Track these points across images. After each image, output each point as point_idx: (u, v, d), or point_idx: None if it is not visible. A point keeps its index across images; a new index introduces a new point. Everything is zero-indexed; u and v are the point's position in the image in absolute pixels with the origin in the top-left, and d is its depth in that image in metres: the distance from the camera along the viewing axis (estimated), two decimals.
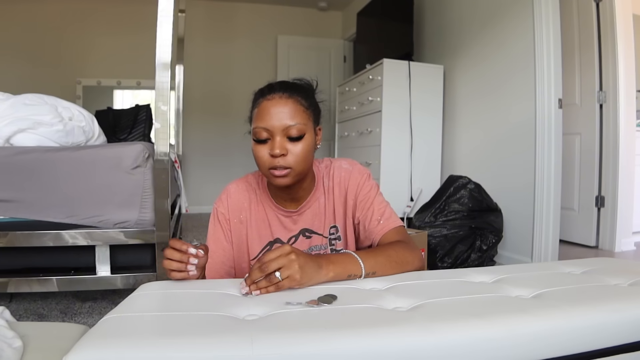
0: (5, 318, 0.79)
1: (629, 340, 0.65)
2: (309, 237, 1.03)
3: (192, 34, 4.53)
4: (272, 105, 0.90)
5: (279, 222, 1.03)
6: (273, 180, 0.92)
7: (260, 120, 0.90)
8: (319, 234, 1.04)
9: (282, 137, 0.90)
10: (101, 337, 0.56)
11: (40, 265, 1.58)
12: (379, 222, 0.99)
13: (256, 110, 0.93)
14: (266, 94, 0.92)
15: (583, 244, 2.91)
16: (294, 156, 0.90)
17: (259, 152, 0.91)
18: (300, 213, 1.03)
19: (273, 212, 1.03)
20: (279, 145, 0.89)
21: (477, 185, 2.50)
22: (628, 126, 2.77)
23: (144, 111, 3.36)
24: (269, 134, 0.90)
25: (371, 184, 1.04)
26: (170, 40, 1.40)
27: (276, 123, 0.89)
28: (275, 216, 1.03)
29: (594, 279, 0.85)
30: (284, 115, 0.89)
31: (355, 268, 0.82)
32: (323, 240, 1.04)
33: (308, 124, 0.93)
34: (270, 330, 0.57)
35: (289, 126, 0.89)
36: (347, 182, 1.04)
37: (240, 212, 1.03)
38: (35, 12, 4.48)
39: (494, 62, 2.74)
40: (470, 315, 0.62)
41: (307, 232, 1.04)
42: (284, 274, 0.72)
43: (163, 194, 1.49)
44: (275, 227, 1.03)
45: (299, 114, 0.91)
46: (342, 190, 1.04)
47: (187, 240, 0.80)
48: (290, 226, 1.03)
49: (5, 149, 1.54)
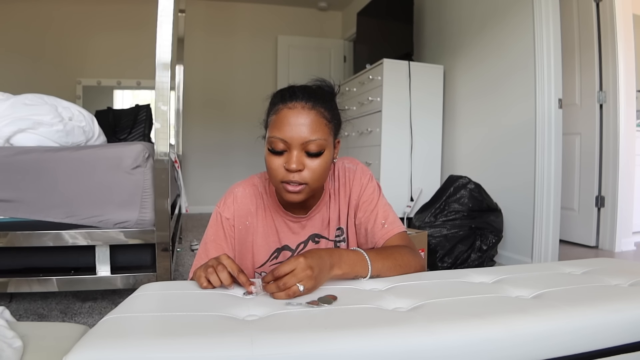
0: (5, 318, 0.79)
1: (630, 340, 0.65)
2: (317, 242, 1.01)
3: (192, 34, 4.53)
4: (293, 115, 0.83)
5: (287, 228, 1.00)
6: (284, 194, 0.87)
7: (278, 130, 0.83)
8: (326, 238, 1.02)
9: (300, 152, 0.84)
10: (101, 337, 0.56)
11: (40, 265, 1.58)
12: (384, 226, 0.97)
13: (274, 117, 0.86)
14: (287, 101, 0.85)
15: (583, 244, 2.91)
16: (311, 172, 0.85)
17: (272, 163, 0.85)
18: (310, 218, 1.00)
19: (281, 218, 0.99)
20: (296, 160, 0.83)
21: (477, 185, 2.50)
22: (628, 126, 2.77)
23: (144, 111, 3.35)
24: (286, 145, 0.83)
25: (374, 185, 1.02)
26: (170, 40, 1.40)
27: (295, 135, 0.82)
28: (284, 222, 0.99)
29: (594, 279, 0.85)
30: (304, 128, 0.82)
31: (363, 269, 0.81)
32: (329, 243, 1.02)
33: (328, 139, 0.86)
34: (270, 331, 0.57)
35: (309, 141, 0.83)
36: (351, 182, 1.01)
37: (247, 217, 0.98)
38: (36, 12, 4.48)
39: (494, 62, 2.73)
40: (471, 316, 0.62)
41: (316, 238, 1.01)
42: (305, 283, 0.71)
43: (163, 194, 1.49)
44: (283, 233, 1.00)
45: (321, 127, 0.84)
46: (346, 191, 1.01)
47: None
48: (298, 231, 1.00)
49: (5, 149, 1.54)
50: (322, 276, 0.74)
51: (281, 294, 0.70)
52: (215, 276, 0.75)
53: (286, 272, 0.70)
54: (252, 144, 5.90)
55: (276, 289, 0.71)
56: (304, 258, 0.72)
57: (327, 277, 0.76)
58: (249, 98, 5.05)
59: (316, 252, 0.76)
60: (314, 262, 0.73)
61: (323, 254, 0.76)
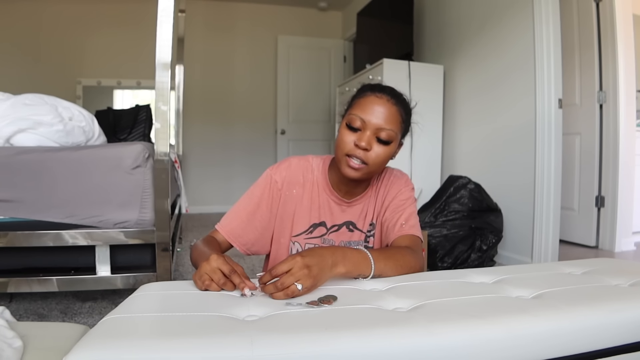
0: (5, 318, 0.79)
1: (630, 340, 0.65)
2: (351, 231, 1.06)
3: (192, 34, 4.53)
4: (378, 103, 0.93)
5: (328, 207, 1.05)
6: (344, 168, 0.94)
7: (361, 110, 0.93)
8: (360, 230, 1.07)
9: (372, 135, 0.93)
10: (101, 337, 0.56)
11: (40, 265, 1.58)
12: (402, 226, 1.01)
13: (360, 100, 0.95)
14: (376, 91, 0.95)
15: (583, 244, 2.91)
16: (375, 156, 0.93)
17: (345, 137, 0.94)
18: (351, 205, 1.06)
19: (326, 195, 1.05)
20: (367, 139, 0.92)
21: (477, 185, 2.50)
22: (628, 126, 2.77)
23: (144, 111, 3.35)
24: (363, 125, 0.93)
25: (411, 195, 1.07)
26: (170, 40, 1.40)
27: (373, 120, 0.92)
28: (327, 200, 1.05)
29: (594, 279, 0.85)
30: (383, 116, 0.92)
31: (367, 268, 0.82)
32: (362, 235, 1.07)
33: (397, 135, 0.96)
34: (270, 331, 0.57)
35: (383, 128, 0.92)
36: (392, 185, 1.07)
37: (295, 186, 1.04)
38: (36, 12, 4.48)
39: (494, 62, 2.73)
40: (471, 316, 0.62)
41: (350, 226, 1.06)
42: (303, 281, 0.70)
43: (163, 194, 1.49)
44: (323, 210, 1.05)
45: (396, 122, 0.94)
46: (385, 191, 1.07)
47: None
48: (337, 214, 1.05)
49: (6, 149, 1.54)
50: (322, 275, 0.74)
51: (279, 294, 0.70)
52: (214, 285, 0.74)
53: (284, 271, 0.70)
54: (252, 143, 5.89)
55: (274, 289, 0.70)
56: (301, 257, 0.72)
57: (328, 275, 0.76)
58: (249, 98, 5.05)
59: (316, 251, 0.76)
60: (312, 260, 0.73)
61: (324, 252, 0.77)
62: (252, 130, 5.03)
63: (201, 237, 1.03)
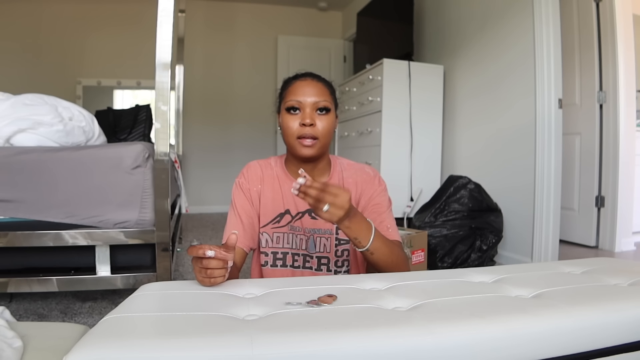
0: (5, 318, 0.79)
1: (629, 340, 0.65)
2: (314, 218, 1.10)
3: (192, 34, 4.53)
4: (305, 85, 1.04)
5: (291, 195, 1.10)
6: (299, 149, 1.03)
7: (293, 95, 1.03)
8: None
9: (312, 111, 1.02)
10: (101, 337, 0.56)
11: (40, 265, 1.58)
12: (388, 229, 1.07)
13: (289, 89, 1.06)
14: (299, 77, 1.07)
15: (583, 244, 2.91)
16: (322, 127, 1.02)
17: (289, 122, 1.03)
18: None
19: (288, 186, 1.11)
20: (309, 116, 1.01)
21: (477, 185, 2.50)
22: (628, 126, 2.77)
23: (144, 111, 3.35)
24: (300, 106, 1.02)
25: (387, 195, 1.14)
26: (170, 40, 1.40)
27: (308, 99, 1.02)
28: (289, 190, 1.10)
29: (593, 279, 0.85)
30: (314, 92, 1.03)
31: (365, 239, 0.91)
32: (331, 225, 1.10)
33: (332, 105, 1.06)
34: (270, 330, 0.57)
35: (318, 101, 1.03)
36: (366, 184, 1.13)
37: (257, 183, 1.13)
38: (36, 12, 4.48)
39: (494, 62, 2.74)
40: (470, 315, 0.62)
41: (312, 213, 1.09)
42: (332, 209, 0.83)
43: (163, 194, 1.49)
44: (287, 199, 1.11)
45: (326, 94, 1.05)
46: (358, 189, 1.12)
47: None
48: (300, 202, 1.10)
49: (5, 149, 1.54)
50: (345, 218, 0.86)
51: (310, 199, 0.83)
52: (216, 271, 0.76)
53: (331, 192, 0.82)
54: (252, 143, 5.88)
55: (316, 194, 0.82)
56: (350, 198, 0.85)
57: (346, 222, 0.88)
58: (249, 98, 5.05)
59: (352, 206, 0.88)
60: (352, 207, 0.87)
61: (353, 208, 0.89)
62: (252, 130, 5.03)
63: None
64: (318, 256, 1.11)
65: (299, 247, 1.11)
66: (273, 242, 1.11)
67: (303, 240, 1.11)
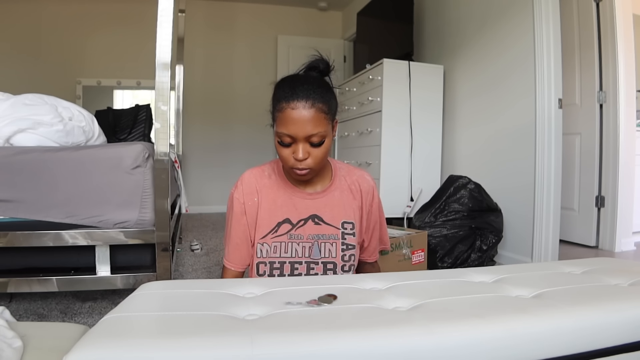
0: (5, 318, 0.79)
1: (629, 340, 0.65)
2: (317, 224, 1.09)
3: (192, 34, 4.53)
4: (296, 115, 0.94)
5: (292, 203, 1.09)
6: (294, 175, 1.03)
7: (285, 127, 0.96)
8: (330, 225, 1.10)
9: (305, 143, 0.97)
10: (101, 337, 0.56)
11: (40, 265, 1.58)
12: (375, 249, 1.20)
13: (280, 115, 0.97)
14: (290, 101, 0.95)
15: (583, 244, 2.91)
16: (314, 159, 0.98)
17: (282, 153, 0.99)
18: (315, 198, 1.10)
19: (287, 194, 1.10)
20: (302, 151, 0.96)
21: (477, 185, 2.50)
22: (628, 126, 2.77)
23: (144, 111, 3.35)
24: (292, 139, 0.97)
25: (381, 206, 1.20)
26: (170, 40, 1.40)
27: (300, 132, 0.95)
28: (289, 198, 1.09)
29: (594, 279, 0.85)
30: (307, 124, 0.94)
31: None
32: (336, 231, 1.10)
33: (328, 129, 0.99)
34: (270, 330, 0.57)
35: (312, 135, 0.96)
36: (366, 193, 1.15)
37: (253, 195, 1.10)
38: (36, 12, 4.48)
39: (494, 62, 2.73)
40: (470, 315, 0.62)
41: (316, 219, 1.09)
42: None
43: (163, 194, 1.49)
44: (287, 208, 1.09)
45: (321, 122, 0.96)
46: (357, 195, 1.14)
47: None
48: (302, 209, 1.09)
49: (5, 149, 1.54)
50: None
51: None
52: None
53: None
54: (252, 143, 5.88)
55: None
56: None
57: None
58: (249, 98, 5.05)
59: None
60: None
61: None
62: (252, 130, 5.02)
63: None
64: (324, 262, 1.09)
65: (300, 255, 1.08)
66: (271, 251, 1.08)
67: (306, 248, 1.08)
